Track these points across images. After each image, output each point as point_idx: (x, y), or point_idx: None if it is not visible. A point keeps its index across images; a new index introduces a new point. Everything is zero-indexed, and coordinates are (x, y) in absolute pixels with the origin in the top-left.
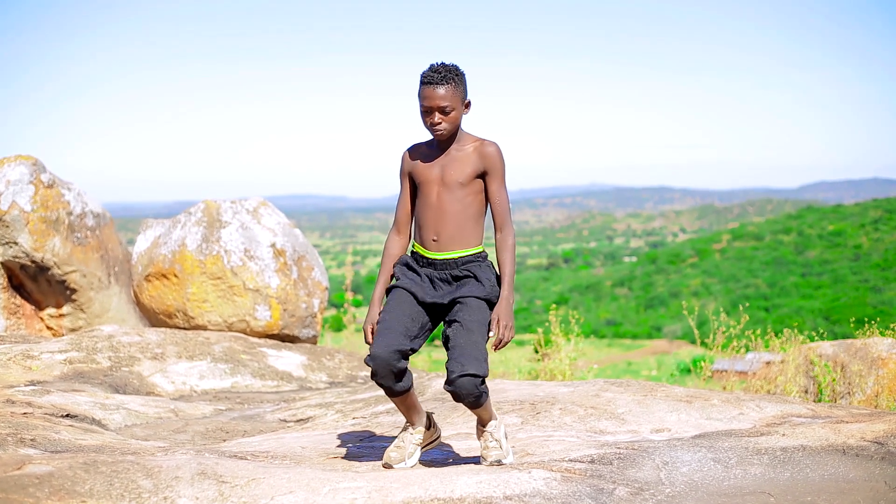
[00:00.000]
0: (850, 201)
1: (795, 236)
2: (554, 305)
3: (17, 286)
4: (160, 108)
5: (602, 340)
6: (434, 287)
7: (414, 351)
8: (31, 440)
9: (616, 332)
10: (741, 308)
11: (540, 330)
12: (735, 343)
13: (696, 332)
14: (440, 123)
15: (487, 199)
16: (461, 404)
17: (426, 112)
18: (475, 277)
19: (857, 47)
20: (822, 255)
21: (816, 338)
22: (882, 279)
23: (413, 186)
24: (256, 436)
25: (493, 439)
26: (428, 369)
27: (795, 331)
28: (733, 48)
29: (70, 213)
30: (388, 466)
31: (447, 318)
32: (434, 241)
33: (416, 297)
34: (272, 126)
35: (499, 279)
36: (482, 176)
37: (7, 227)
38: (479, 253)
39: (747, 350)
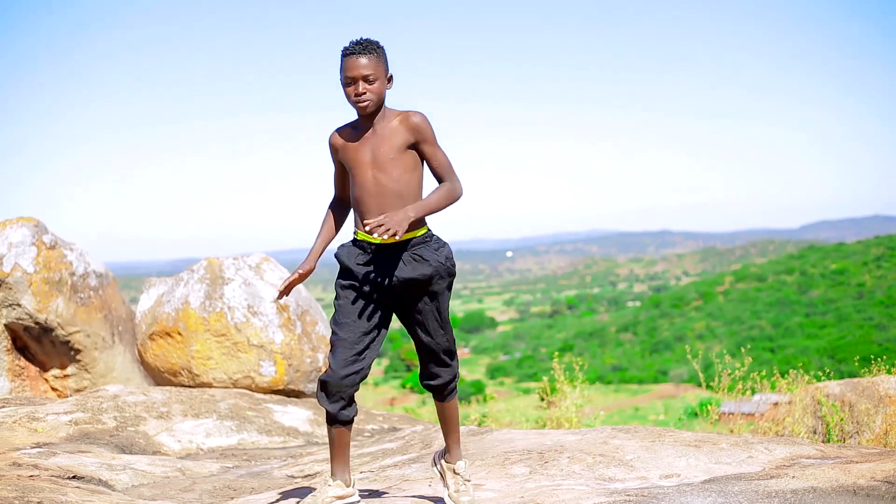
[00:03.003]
0: (852, 239)
1: (798, 276)
2: (557, 353)
3: (20, 348)
4: (161, 164)
5: (608, 386)
6: (385, 278)
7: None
8: (38, 503)
9: (622, 378)
10: (744, 350)
11: (545, 378)
12: (741, 385)
13: (700, 375)
14: (364, 94)
15: (428, 169)
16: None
17: (349, 83)
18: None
19: (858, 85)
20: (826, 294)
21: (823, 377)
22: (886, 316)
23: (344, 170)
24: (264, 493)
25: (462, 481)
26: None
27: (801, 371)
28: (731, 91)
29: (73, 274)
30: None
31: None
32: None
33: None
34: (275, 180)
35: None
36: (414, 147)
37: (10, 289)
38: (426, 234)
39: (753, 392)
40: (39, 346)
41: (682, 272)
